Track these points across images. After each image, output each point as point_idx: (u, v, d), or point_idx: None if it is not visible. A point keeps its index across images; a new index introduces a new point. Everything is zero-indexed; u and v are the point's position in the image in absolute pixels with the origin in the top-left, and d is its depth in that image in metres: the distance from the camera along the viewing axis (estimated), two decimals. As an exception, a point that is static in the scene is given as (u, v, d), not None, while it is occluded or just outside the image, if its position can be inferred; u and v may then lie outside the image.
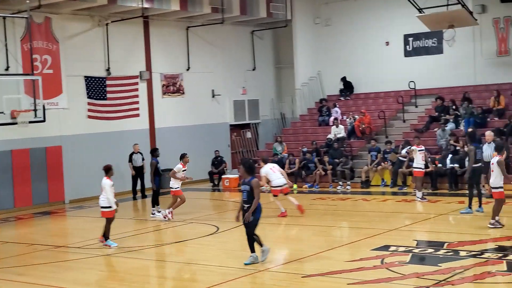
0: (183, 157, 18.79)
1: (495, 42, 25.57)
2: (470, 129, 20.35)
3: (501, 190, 14.59)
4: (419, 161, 19.29)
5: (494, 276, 10.59)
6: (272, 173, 17.98)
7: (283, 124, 30.31)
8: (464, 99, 24.29)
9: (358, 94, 28.91)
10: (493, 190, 14.73)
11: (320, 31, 29.74)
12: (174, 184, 18.35)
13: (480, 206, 16.70)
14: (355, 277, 10.91)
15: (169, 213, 18.16)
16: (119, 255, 14.09)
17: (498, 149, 14.99)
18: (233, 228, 16.71)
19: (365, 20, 28.50)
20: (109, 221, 14.84)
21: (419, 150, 19.35)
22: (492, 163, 14.66)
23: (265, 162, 18.73)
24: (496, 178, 14.53)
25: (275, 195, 18.13)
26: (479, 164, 16.86)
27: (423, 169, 19.40)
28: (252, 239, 12.33)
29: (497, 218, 14.65)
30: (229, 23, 27.99)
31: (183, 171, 18.46)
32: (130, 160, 23.40)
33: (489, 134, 18.37)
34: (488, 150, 18.17)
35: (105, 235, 14.87)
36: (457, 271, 10.97)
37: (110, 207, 14.72)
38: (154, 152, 19.90)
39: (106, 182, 14.75)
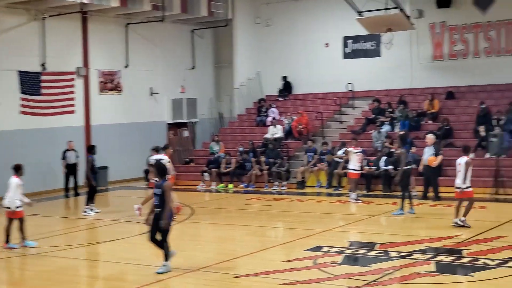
0: (166, 148, 18.53)
1: (431, 46, 26.07)
2: (402, 132, 20.66)
3: (471, 189, 14.94)
4: (354, 163, 19.46)
5: (422, 277, 10.73)
6: None
7: (220, 123, 30.23)
8: (400, 102, 24.70)
9: (297, 94, 29.07)
10: (457, 190, 15.05)
11: (260, 31, 29.79)
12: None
13: (411, 208, 16.96)
14: (287, 278, 10.92)
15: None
16: (47, 254, 13.76)
17: (465, 150, 15.30)
18: (167, 227, 16.59)
19: (305, 21, 28.67)
20: (22, 220, 14.30)
21: (355, 152, 19.51)
22: (459, 164, 14.94)
23: (157, 151, 18.34)
24: (465, 178, 14.82)
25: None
26: (409, 166, 17.12)
27: (358, 171, 19.58)
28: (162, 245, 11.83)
29: (463, 218, 14.91)
30: (169, 21, 27.75)
31: (168, 163, 17.58)
32: (64, 157, 22.95)
33: (429, 137, 18.68)
34: (428, 152, 18.49)
35: (23, 236, 14.27)
36: (387, 271, 11.10)
37: (21, 206, 14.23)
38: (91, 149, 19.59)
39: (14, 180, 14.18)
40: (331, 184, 22.34)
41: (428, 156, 18.80)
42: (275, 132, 25.43)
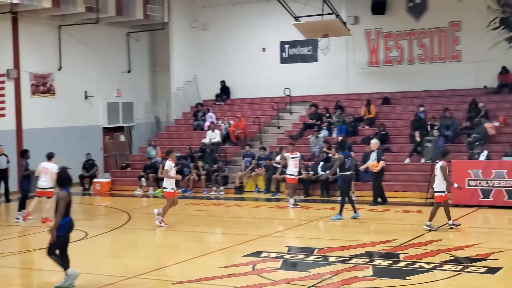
0: (170, 152, 17.27)
1: (367, 52, 26.44)
2: (340, 137, 20.87)
3: (442, 194, 15.09)
4: (292, 168, 19.45)
5: (360, 281, 10.81)
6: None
7: (157, 128, 29.93)
8: (337, 107, 24.91)
9: (234, 99, 29.04)
10: (436, 194, 15.20)
11: (197, 35, 29.65)
12: (168, 184, 16.84)
13: (355, 211, 17.05)
14: (226, 284, 10.84)
15: (160, 222, 16.72)
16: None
17: (443, 155, 15.50)
18: (103, 233, 16.33)
19: (242, 26, 28.68)
20: None
21: (292, 157, 19.47)
22: (436, 168, 15.09)
23: (49, 158, 17.99)
24: (439, 182, 14.99)
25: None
26: (350, 172, 17.22)
27: (296, 176, 19.60)
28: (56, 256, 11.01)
29: (428, 223, 15.14)
30: (104, 23, 27.36)
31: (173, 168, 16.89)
32: (-7, 162, 22.34)
33: (373, 142, 18.83)
34: (373, 157, 18.64)
35: None
36: (326, 276, 11.14)
37: None
38: (24, 153, 19.06)
39: None
40: (269, 189, 22.36)
41: (371, 162, 18.97)
42: (213, 136, 25.32)
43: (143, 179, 24.08)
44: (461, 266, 11.60)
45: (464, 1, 24.60)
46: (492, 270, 11.33)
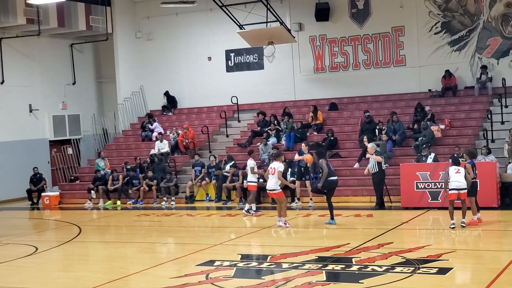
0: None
1: (312, 59, 26.66)
2: (317, 146, 20.91)
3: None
4: (254, 176, 19.50)
5: (314, 286, 10.84)
6: None
7: (105, 139, 29.64)
8: (284, 114, 25.03)
9: (182, 109, 28.96)
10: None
11: (142, 45, 29.50)
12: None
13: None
14: (180, 294, 10.78)
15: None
16: None
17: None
18: (53, 247, 16.09)
19: (187, 35, 28.64)
20: None
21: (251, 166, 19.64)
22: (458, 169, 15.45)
23: None
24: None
25: None
26: (336, 177, 17.10)
27: (256, 183, 19.56)
28: None
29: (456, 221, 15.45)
30: (46, 35, 27.03)
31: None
32: None
33: (370, 146, 18.84)
34: (372, 162, 18.63)
35: None
36: (280, 283, 11.16)
37: None
38: None
39: None
40: (220, 197, 22.32)
41: (370, 165, 18.73)
42: (162, 147, 25.18)
43: (92, 192, 23.79)
44: (412, 268, 11.72)
45: (406, 7, 25.03)
46: (443, 271, 11.49)
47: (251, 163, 19.39)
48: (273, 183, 16.89)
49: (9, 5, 24.20)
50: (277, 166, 16.88)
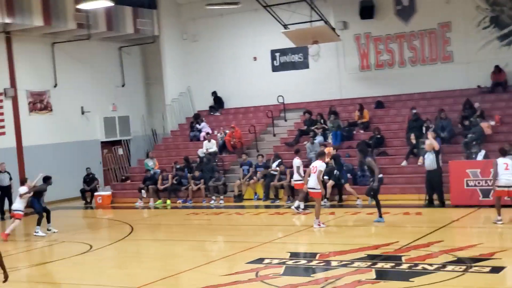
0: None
1: (358, 57, 26.58)
2: (360, 144, 20.92)
3: None
4: (301, 174, 19.63)
5: (363, 284, 10.85)
6: None
7: (154, 140, 30.11)
8: (331, 112, 25.04)
9: (228, 109, 29.20)
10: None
11: (188, 46, 29.83)
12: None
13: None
14: (230, 291, 10.92)
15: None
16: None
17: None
18: (106, 245, 16.49)
19: (232, 35, 28.86)
20: None
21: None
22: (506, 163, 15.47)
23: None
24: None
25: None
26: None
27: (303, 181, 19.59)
28: None
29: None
30: (96, 39, 27.56)
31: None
32: (-4, 180, 22.55)
33: (428, 143, 18.84)
34: (429, 157, 18.62)
35: None
36: (330, 280, 11.21)
37: None
38: (47, 179, 19.07)
39: None
40: (268, 196, 22.50)
41: (429, 162, 18.69)
42: (210, 146, 25.47)
43: (143, 191, 24.20)
44: (464, 267, 11.59)
45: (452, 2, 24.72)
46: (496, 270, 11.33)
47: (297, 162, 19.56)
48: (314, 182, 16.94)
49: (60, 11, 24.76)
50: (319, 165, 16.92)
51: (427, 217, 17.76)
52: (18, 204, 18.18)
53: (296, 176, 19.74)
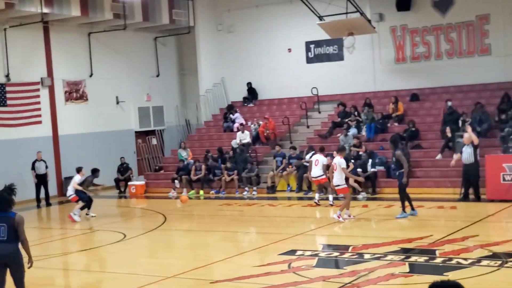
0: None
1: (393, 49, 26.35)
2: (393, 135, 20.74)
3: None
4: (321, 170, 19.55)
5: (397, 278, 10.81)
6: None
7: (188, 130, 30.25)
8: (365, 104, 24.90)
9: (262, 100, 29.19)
10: None
11: (223, 38, 29.86)
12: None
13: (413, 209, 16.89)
14: (262, 282, 10.93)
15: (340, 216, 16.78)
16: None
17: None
18: (140, 235, 16.62)
19: (267, 27, 28.81)
20: None
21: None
22: None
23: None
24: None
25: None
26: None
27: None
28: None
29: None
30: (132, 29, 27.73)
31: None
32: (33, 167, 22.82)
33: (467, 136, 18.67)
34: (466, 151, 18.47)
35: None
36: (362, 273, 11.16)
37: None
38: (95, 171, 19.84)
39: None
40: (301, 188, 22.47)
41: (466, 155, 18.47)
42: (243, 137, 25.51)
43: (176, 181, 24.33)
44: (499, 262, 11.46)
45: (491, -6, 24.45)
46: (532, 265, 11.16)
47: (323, 159, 19.33)
48: (337, 179, 16.80)
49: (97, 1, 24.95)
50: (338, 161, 16.79)
51: (462, 211, 17.57)
52: (70, 191, 19.13)
53: (318, 172, 19.44)
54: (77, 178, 19.20)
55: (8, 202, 9.13)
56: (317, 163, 19.10)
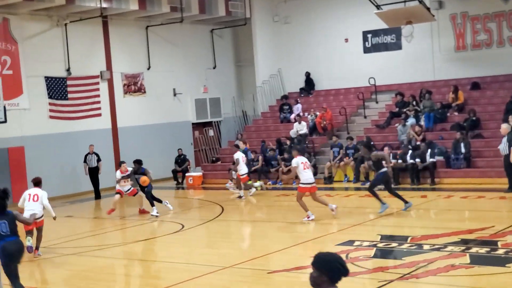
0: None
1: (453, 37, 25.85)
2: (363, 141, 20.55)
3: None
4: None
5: (457, 269, 10.63)
6: None
7: (245, 121, 30.35)
8: (424, 94, 24.49)
9: (319, 90, 29.04)
10: None
11: (279, 28, 29.81)
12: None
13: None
14: (320, 272, 10.92)
15: None
16: (85, 254, 13.94)
17: None
18: (197, 225, 16.76)
19: (323, 17, 28.63)
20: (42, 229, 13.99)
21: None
22: None
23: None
24: None
25: None
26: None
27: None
28: None
29: None
30: (188, 22, 27.94)
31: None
32: (85, 160, 23.25)
33: (504, 127, 18.34)
34: (504, 141, 18.16)
35: (38, 246, 13.85)
36: (421, 264, 11.03)
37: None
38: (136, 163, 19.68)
39: (45, 193, 13.80)
40: (358, 178, 22.31)
41: (504, 146, 18.17)
42: (300, 128, 25.44)
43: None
44: None
45: (555, -21, 23.72)
46: None
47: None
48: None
49: (154, -6, 25.29)
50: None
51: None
52: (118, 186, 18.98)
53: None
54: (118, 174, 18.81)
55: (2, 206, 9.67)
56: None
